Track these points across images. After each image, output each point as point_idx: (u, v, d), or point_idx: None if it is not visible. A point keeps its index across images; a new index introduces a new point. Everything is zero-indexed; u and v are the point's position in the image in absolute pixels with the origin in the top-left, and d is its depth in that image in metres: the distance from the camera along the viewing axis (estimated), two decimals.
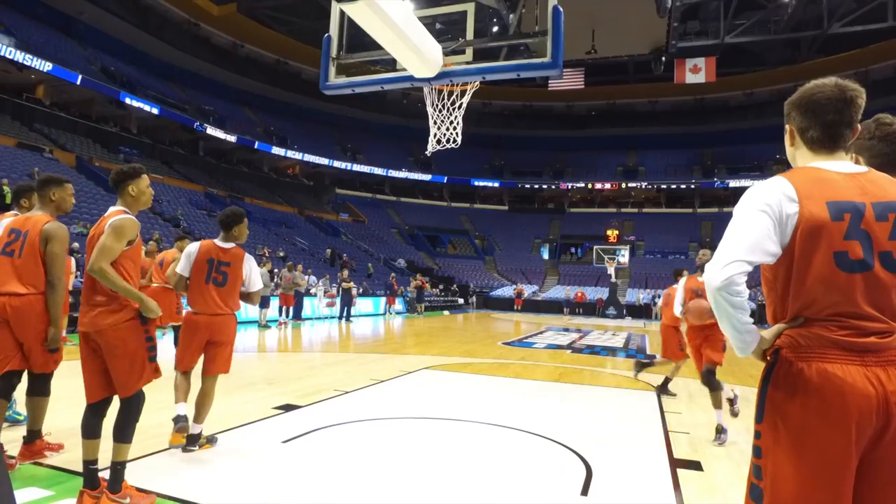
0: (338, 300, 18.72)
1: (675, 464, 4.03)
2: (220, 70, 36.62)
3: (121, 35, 31.33)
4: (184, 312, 4.29)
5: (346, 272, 18.27)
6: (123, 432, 2.86)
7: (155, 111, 28.45)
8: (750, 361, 1.84)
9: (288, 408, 5.19)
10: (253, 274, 4.00)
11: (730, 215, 1.54)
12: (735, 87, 40.95)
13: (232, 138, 33.27)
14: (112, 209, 3.00)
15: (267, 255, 23.27)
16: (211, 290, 3.80)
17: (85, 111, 27.39)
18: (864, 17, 30.66)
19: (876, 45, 34.26)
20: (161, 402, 4.34)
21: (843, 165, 1.53)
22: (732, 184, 38.42)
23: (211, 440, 3.91)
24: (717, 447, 4.52)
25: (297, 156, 37.42)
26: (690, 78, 31.77)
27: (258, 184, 36.21)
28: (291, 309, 15.62)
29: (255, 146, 34.79)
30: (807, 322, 1.46)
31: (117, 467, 2.81)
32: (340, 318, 17.70)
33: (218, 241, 3.93)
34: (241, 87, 38.58)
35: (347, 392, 6.11)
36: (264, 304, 14.04)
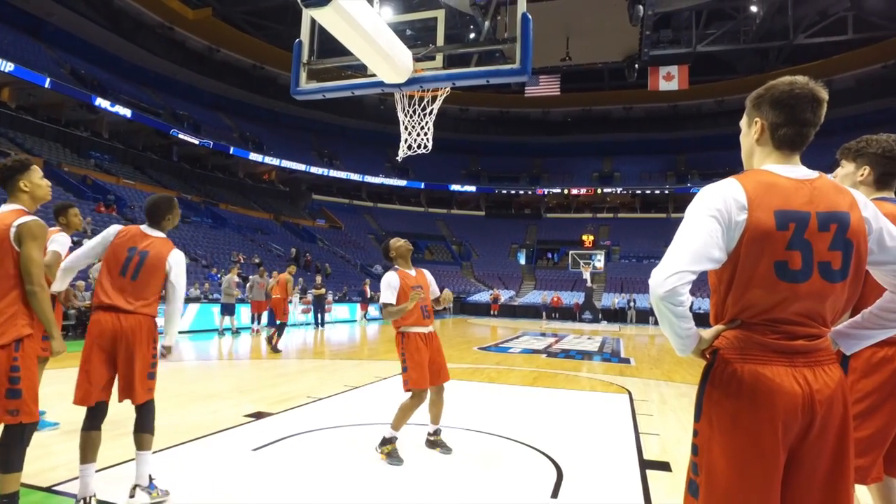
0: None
1: (645, 465, 4.08)
2: (195, 74, 36.19)
3: (92, 38, 30.74)
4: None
5: (319, 278, 18.04)
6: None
7: (127, 115, 27.93)
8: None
9: (259, 415, 5.13)
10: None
11: None
12: (707, 95, 41.79)
13: (207, 143, 32.84)
14: (5, 209, 2.68)
15: (241, 261, 23.01)
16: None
17: (54, 115, 26.76)
18: (826, 29, 31.92)
19: (838, 57, 35.42)
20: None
21: (796, 170, 1.55)
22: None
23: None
24: (686, 449, 4.59)
25: (275, 161, 37.06)
26: (664, 85, 32.30)
27: (233, 189, 35.78)
28: (265, 316, 15.44)
29: (231, 151, 34.35)
30: (743, 325, 1.50)
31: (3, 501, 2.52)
32: (316, 324, 17.45)
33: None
34: (217, 91, 38.15)
35: (320, 399, 6.07)
36: (231, 311, 13.84)
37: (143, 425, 3.10)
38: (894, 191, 2.31)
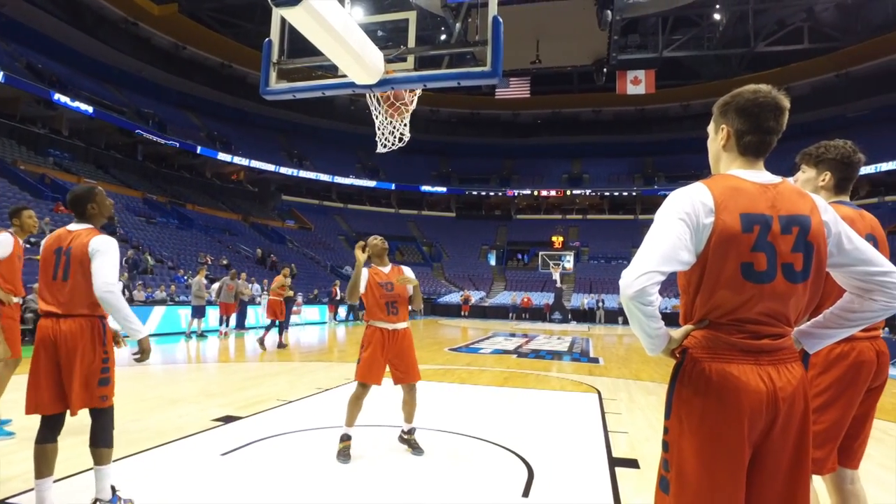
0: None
1: (614, 462, 4.15)
2: (160, 72, 35.33)
3: (50, 31, 29.71)
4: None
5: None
6: None
7: (89, 112, 27.12)
8: None
9: (228, 419, 5.05)
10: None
11: None
12: (673, 99, 42.71)
13: (173, 143, 32.14)
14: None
15: (209, 262, 22.58)
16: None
17: (8, 110, 25.81)
18: (784, 38, 33.20)
19: (795, 65, 36.71)
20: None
21: (760, 175, 1.60)
22: (672, 191, 39.87)
23: None
24: (654, 446, 4.69)
25: (244, 162, 36.45)
26: (631, 89, 32.92)
27: (201, 190, 35.08)
28: (234, 318, 15.18)
29: (198, 151, 33.68)
30: (711, 325, 1.55)
31: None
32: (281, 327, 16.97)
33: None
34: (184, 90, 37.31)
35: (290, 402, 6.00)
36: (202, 313, 13.57)
37: (98, 438, 2.87)
38: (850, 195, 2.43)
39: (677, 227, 1.51)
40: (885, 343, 2.33)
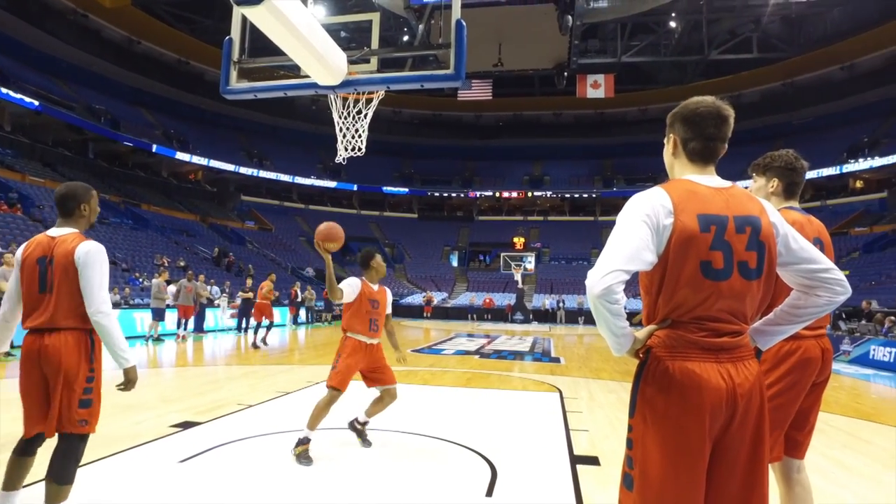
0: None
1: (575, 460, 4.23)
2: (112, 67, 34.00)
3: None
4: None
5: (249, 281, 17.32)
6: None
7: (34, 106, 25.94)
8: None
9: (186, 425, 4.92)
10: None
11: None
12: (632, 103, 43.70)
13: (127, 140, 31.09)
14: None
15: (166, 264, 21.95)
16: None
17: None
18: (735, 47, 34.62)
19: (746, 73, 38.13)
20: None
21: (712, 180, 1.69)
22: (630, 193, 40.83)
23: None
24: (613, 443, 4.79)
25: (203, 161, 35.52)
26: (591, 93, 33.55)
27: (156, 189, 34.06)
28: (192, 321, 14.79)
29: (154, 150, 32.67)
30: (673, 324, 1.61)
31: None
32: (238, 329, 16.43)
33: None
34: (138, 86, 36.03)
35: (251, 406, 5.90)
36: (161, 316, 13.19)
37: (59, 471, 2.52)
38: (798, 200, 2.58)
39: (640, 228, 1.58)
40: (830, 340, 2.46)
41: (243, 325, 16.17)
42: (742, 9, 32.21)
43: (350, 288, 4.21)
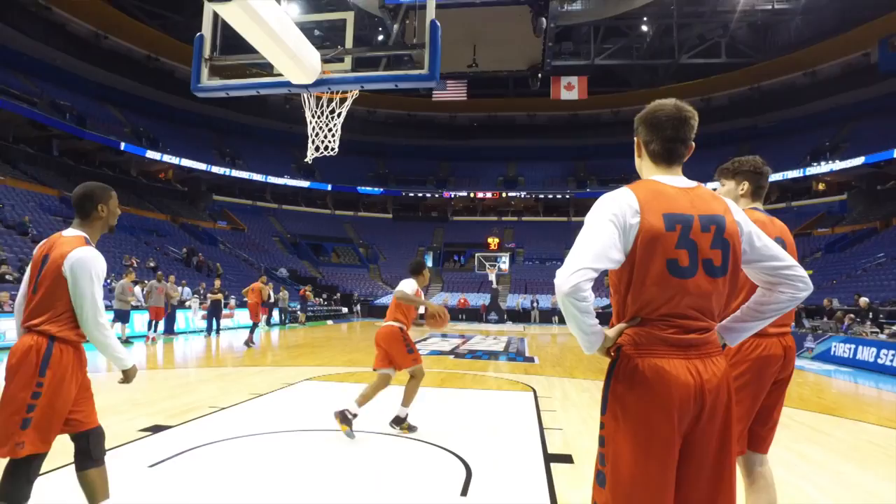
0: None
1: (549, 458, 4.27)
2: (78, 62, 32.97)
3: None
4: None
5: (217, 282, 16.98)
6: None
7: None
8: None
9: (156, 429, 4.83)
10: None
11: None
12: (604, 105, 44.29)
13: (94, 138, 30.30)
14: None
15: (135, 265, 21.47)
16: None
17: None
18: (705, 52, 35.51)
19: (715, 77, 39.00)
20: None
21: (678, 180, 1.74)
22: (603, 194, 41.50)
23: None
24: (587, 441, 4.86)
25: (174, 160, 34.78)
26: (565, 94, 33.96)
27: (125, 188, 33.11)
28: (162, 322, 14.50)
29: (122, 148, 31.88)
30: (643, 322, 1.64)
31: None
32: (208, 331, 16.02)
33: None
34: (106, 82, 35.01)
35: (224, 408, 5.81)
36: (125, 318, 12.90)
37: (10, 491, 2.32)
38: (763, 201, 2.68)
39: (607, 228, 1.62)
40: (793, 338, 2.53)
41: (213, 326, 15.92)
42: (711, 14, 32.97)
43: (412, 289, 5.10)
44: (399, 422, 4.93)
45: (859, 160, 30.99)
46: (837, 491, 3.80)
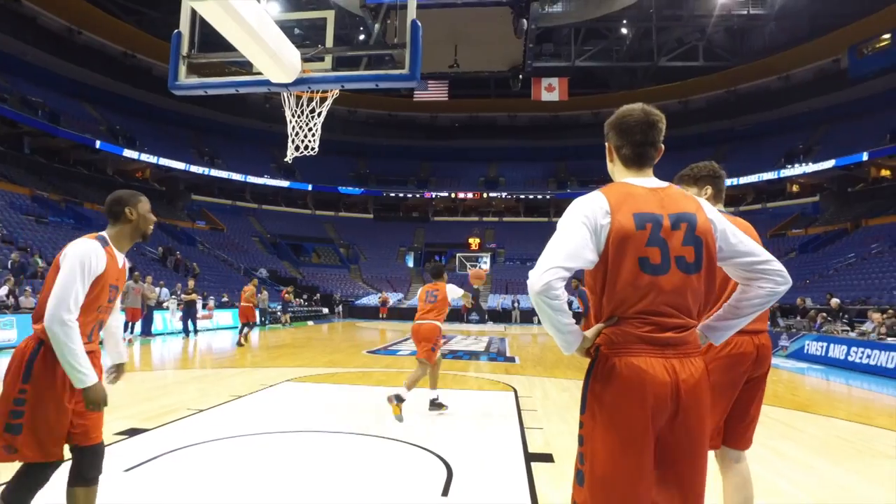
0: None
1: (530, 458, 4.29)
2: (51, 57, 32.19)
3: None
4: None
5: (192, 283, 16.46)
6: None
7: None
8: None
9: (133, 432, 4.75)
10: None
11: None
12: (584, 107, 44.62)
13: (67, 136, 29.65)
14: None
15: None
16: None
17: None
18: (683, 55, 36.08)
19: (693, 80, 39.59)
20: None
21: (648, 181, 1.78)
22: (583, 195, 41.94)
23: None
24: (567, 440, 4.89)
25: (152, 159, 34.16)
26: (546, 96, 34.14)
27: (101, 187, 32.47)
28: (139, 324, 14.27)
29: (97, 146, 31.24)
30: (619, 321, 1.67)
31: None
32: (185, 332, 15.66)
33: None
34: (80, 79, 34.25)
35: (202, 410, 5.74)
36: None
37: (9, 497, 2.25)
38: (739, 202, 2.73)
39: (579, 229, 1.65)
40: (769, 337, 2.57)
41: (189, 327, 15.61)
42: (688, 18, 33.47)
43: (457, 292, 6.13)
44: (399, 399, 5.45)
45: (830, 163, 31.72)
46: (810, 485, 3.88)
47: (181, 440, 4.51)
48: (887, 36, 30.30)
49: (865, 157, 30.03)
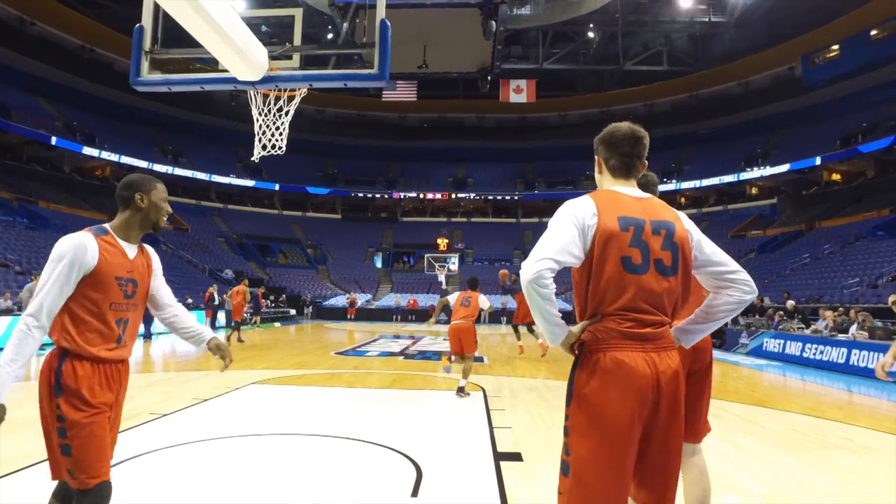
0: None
1: (499, 457, 4.32)
2: (1, 49, 31.00)
3: None
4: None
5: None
6: None
7: None
8: None
9: None
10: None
11: (548, 225, 1.82)
12: (552, 109, 45.16)
13: (20, 131, 28.53)
14: None
15: None
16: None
17: None
18: (648, 59, 36.83)
19: (657, 84, 40.51)
20: None
21: (633, 191, 1.94)
22: (550, 195, 42.71)
23: None
24: (535, 438, 4.94)
25: (113, 157, 33.15)
26: (514, 97, 34.44)
27: (57, 186, 31.45)
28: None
29: (53, 142, 30.16)
30: (602, 317, 1.79)
31: None
32: (146, 336, 14.96)
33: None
34: (35, 72, 32.93)
35: (165, 415, 5.60)
36: None
37: None
38: (701, 203, 2.79)
39: (568, 227, 1.78)
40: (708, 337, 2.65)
41: (151, 329, 15.06)
42: (653, 24, 34.22)
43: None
44: (461, 391, 6.85)
45: (785, 167, 32.89)
46: (769, 478, 4.01)
47: (141, 446, 4.39)
48: (836, 47, 31.67)
49: (818, 161, 31.21)
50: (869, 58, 30.26)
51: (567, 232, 1.76)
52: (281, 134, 3.93)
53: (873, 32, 30.01)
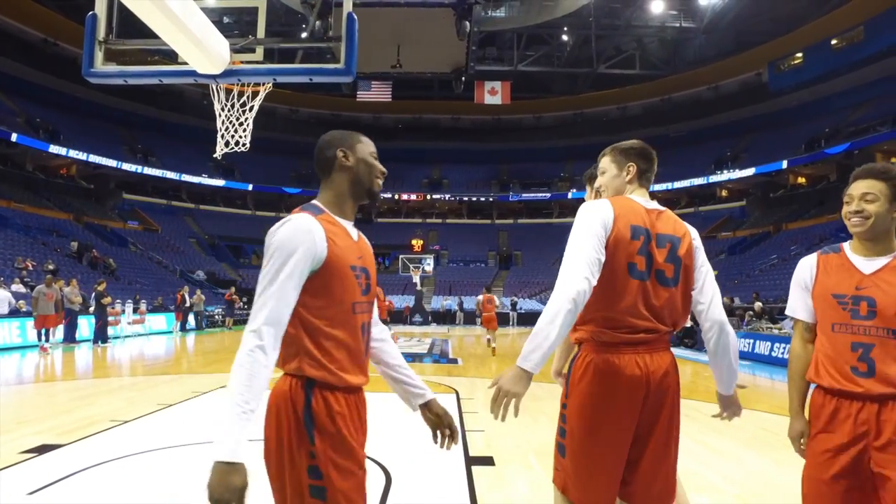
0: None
1: (470, 461, 4.24)
2: None
3: None
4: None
5: (103, 285, 14.16)
6: None
7: None
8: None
9: (43, 449, 4.39)
10: None
11: (523, 226, 1.80)
12: (526, 111, 45.38)
13: None
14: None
15: (30, 268, 19.78)
16: None
17: None
18: (621, 63, 37.34)
19: (630, 88, 41.06)
20: None
21: (648, 203, 2.02)
22: (525, 197, 42.89)
23: None
24: (508, 441, 4.88)
25: (81, 156, 32.20)
26: (488, 99, 34.49)
27: (19, 184, 30.43)
28: (61, 330, 13.38)
29: (14, 139, 29.16)
30: (601, 320, 1.87)
31: None
32: (95, 340, 13.75)
33: None
34: None
35: (127, 421, 5.40)
36: None
37: None
38: (672, 205, 2.78)
39: (591, 238, 1.84)
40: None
41: (98, 333, 13.80)
42: (626, 28, 34.66)
43: None
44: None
45: (752, 170, 33.61)
46: (740, 478, 4.01)
47: (100, 455, 4.21)
48: (800, 55, 32.59)
49: (784, 164, 31.97)
50: (830, 66, 31.22)
51: (592, 241, 1.83)
52: (245, 130, 3.80)
53: (833, 42, 30.93)
